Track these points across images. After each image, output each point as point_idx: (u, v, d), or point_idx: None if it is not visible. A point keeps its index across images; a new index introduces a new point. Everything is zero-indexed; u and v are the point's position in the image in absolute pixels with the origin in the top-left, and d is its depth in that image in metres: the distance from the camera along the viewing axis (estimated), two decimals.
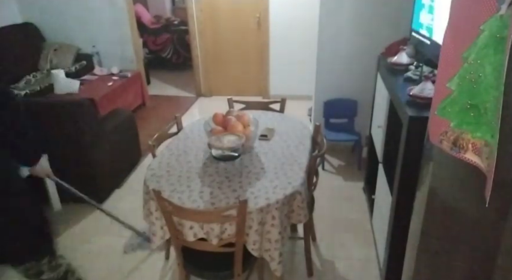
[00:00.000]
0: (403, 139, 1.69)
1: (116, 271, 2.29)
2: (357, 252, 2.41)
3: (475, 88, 0.90)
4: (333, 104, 3.46)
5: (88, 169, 2.76)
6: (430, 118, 1.16)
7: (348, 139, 3.43)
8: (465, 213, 1.07)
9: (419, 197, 1.28)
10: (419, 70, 2.05)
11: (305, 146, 2.10)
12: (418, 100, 1.68)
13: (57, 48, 4.52)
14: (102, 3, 4.48)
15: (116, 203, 2.93)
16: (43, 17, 4.61)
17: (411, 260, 1.32)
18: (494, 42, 0.84)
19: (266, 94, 5.17)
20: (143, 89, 4.88)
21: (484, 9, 0.88)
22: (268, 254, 1.68)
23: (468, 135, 0.95)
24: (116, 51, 4.72)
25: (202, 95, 5.38)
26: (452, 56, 1.01)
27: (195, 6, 4.89)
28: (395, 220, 1.86)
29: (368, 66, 3.26)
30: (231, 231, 1.60)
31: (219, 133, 1.98)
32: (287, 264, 2.32)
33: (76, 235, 2.60)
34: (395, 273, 1.90)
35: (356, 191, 3.04)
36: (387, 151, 2.21)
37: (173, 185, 1.75)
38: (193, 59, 5.23)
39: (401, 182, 1.75)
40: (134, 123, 3.38)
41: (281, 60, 4.96)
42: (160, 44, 6.46)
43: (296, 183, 1.74)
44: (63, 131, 2.63)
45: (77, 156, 2.71)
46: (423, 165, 1.26)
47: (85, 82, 4.18)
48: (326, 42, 3.29)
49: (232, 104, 2.72)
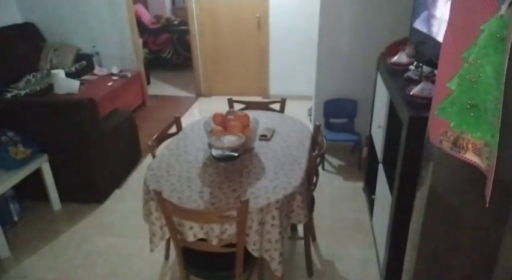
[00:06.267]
0: (403, 139, 1.69)
1: (116, 271, 2.29)
2: (357, 252, 2.41)
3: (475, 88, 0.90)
4: (333, 104, 3.46)
5: (88, 169, 2.77)
6: (430, 118, 1.16)
7: (348, 139, 3.43)
8: (465, 213, 1.07)
9: (419, 197, 1.28)
10: (419, 70, 2.05)
11: (305, 146, 2.10)
12: (418, 100, 1.68)
13: (57, 48, 4.52)
14: (102, 4, 4.48)
15: (116, 203, 2.93)
16: (43, 17, 4.61)
17: (411, 260, 1.32)
18: (494, 42, 0.84)
19: (266, 94, 5.17)
20: (143, 89, 4.88)
21: (484, 9, 0.88)
22: (268, 254, 1.68)
23: (468, 135, 0.95)
24: (116, 51, 4.72)
25: (202, 95, 5.38)
26: (452, 56, 1.01)
27: (195, 6, 4.89)
28: (395, 220, 1.86)
29: (368, 66, 3.26)
30: (231, 231, 1.60)
31: (219, 133, 1.98)
32: (287, 264, 2.32)
33: (76, 235, 2.60)
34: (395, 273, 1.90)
35: (356, 191, 3.04)
36: (387, 151, 2.21)
37: (173, 185, 1.75)
38: (193, 59, 5.23)
39: (401, 182, 1.75)
40: (134, 123, 3.38)
41: (281, 60, 4.96)
42: (160, 44, 6.46)
43: (296, 183, 1.74)
44: (63, 132, 2.63)
45: (77, 156, 2.71)
46: (423, 165, 1.26)
47: (85, 82, 4.18)
48: (326, 42, 3.29)
49: (232, 104, 2.72)
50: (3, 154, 2.39)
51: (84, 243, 2.53)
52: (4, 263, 2.37)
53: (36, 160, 2.60)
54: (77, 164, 2.75)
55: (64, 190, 2.85)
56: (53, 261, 2.38)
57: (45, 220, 2.76)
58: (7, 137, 2.47)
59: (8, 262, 2.37)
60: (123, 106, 4.00)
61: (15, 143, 2.47)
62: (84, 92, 3.90)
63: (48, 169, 2.71)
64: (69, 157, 2.72)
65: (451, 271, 1.18)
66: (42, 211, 2.85)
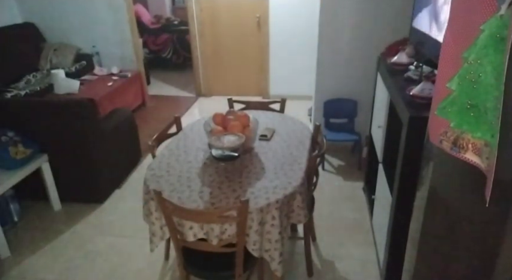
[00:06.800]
0: (403, 139, 1.69)
1: (116, 271, 2.29)
2: (357, 252, 2.41)
3: (475, 88, 0.90)
4: (333, 104, 3.46)
5: (88, 169, 2.77)
6: (430, 118, 1.16)
7: (348, 139, 3.43)
8: (465, 213, 1.07)
9: (419, 197, 1.28)
10: (419, 69, 2.05)
11: (305, 146, 2.10)
12: (418, 100, 1.68)
13: (57, 48, 4.52)
14: (102, 4, 4.48)
15: (116, 203, 2.93)
16: (43, 17, 4.61)
17: (411, 260, 1.32)
18: (494, 42, 0.84)
19: (266, 94, 5.18)
20: (143, 89, 4.88)
21: (484, 9, 0.88)
22: (268, 254, 1.68)
23: (468, 135, 0.95)
24: (116, 51, 4.72)
25: (202, 95, 5.38)
26: (452, 56, 1.01)
27: (195, 6, 4.89)
28: (395, 220, 1.86)
29: (368, 66, 3.26)
30: (231, 231, 1.59)
31: (219, 133, 1.98)
32: (287, 264, 2.32)
33: (76, 235, 2.60)
34: (395, 273, 1.90)
35: (356, 191, 3.04)
36: (387, 151, 2.21)
37: (173, 185, 1.75)
38: (193, 59, 5.23)
39: (401, 182, 1.75)
40: (134, 123, 3.38)
41: (281, 60, 4.96)
42: (160, 44, 6.46)
43: (296, 183, 1.74)
44: (63, 131, 2.63)
45: (77, 156, 2.72)
46: (423, 165, 1.26)
47: (85, 82, 4.18)
48: (326, 42, 3.29)
49: (232, 104, 2.72)
50: (3, 154, 2.39)
51: (84, 243, 2.53)
52: (4, 263, 2.37)
53: (36, 160, 2.60)
54: (77, 164, 2.75)
55: (64, 190, 2.85)
56: (53, 261, 2.38)
57: (45, 220, 2.76)
58: (7, 137, 2.47)
59: (8, 262, 2.37)
60: (123, 106, 3.99)
61: (15, 143, 2.47)
62: (84, 92, 3.90)
63: (48, 169, 2.71)
64: (69, 157, 2.72)
65: (451, 271, 1.18)
66: (42, 211, 2.85)
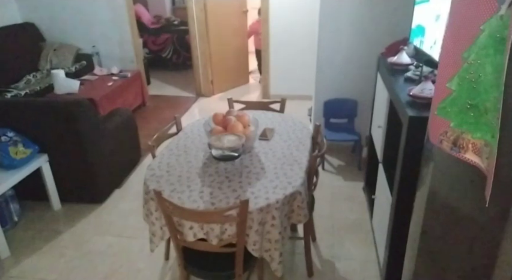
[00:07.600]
0: (403, 139, 1.69)
1: (116, 271, 2.29)
2: (357, 252, 2.41)
3: (475, 88, 0.90)
4: (333, 104, 3.46)
5: (88, 169, 2.77)
6: (430, 118, 1.16)
7: (348, 139, 3.43)
8: (465, 213, 1.07)
9: (419, 197, 1.28)
10: (419, 69, 2.05)
11: (305, 146, 2.10)
12: (418, 100, 1.68)
13: (57, 48, 4.52)
14: (102, 3, 4.48)
15: (116, 203, 2.93)
16: (43, 17, 4.61)
17: (411, 260, 1.32)
18: (494, 42, 0.84)
19: (266, 94, 5.18)
20: (143, 89, 4.88)
21: (484, 9, 0.88)
22: (268, 254, 1.68)
23: (468, 135, 0.95)
24: (116, 51, 4.72)
25: (202, 95, 5.38)
26: (452, 56, 1.01)
27: (195, 6, 4.89)
28: (395, 220, 1.86)
29: (368, 66, 3.27)
30: (231, 231, 1.60)
31: (219, 133, 1.98)
32: (287, 264, 2.32)
33: (76, 235, 2.60)
34: (395, 273, 1.90)
35: (356, 191, 3.04)
36: (387, 151, 2.21)
37: (173, 185, 1.75)
38: (193, 59, 5.23)
39: (401, 182, 1.75)
40: (134, 123, 3.38)
41: (281, 60, 4.96)
42: (160, 44, 6.46)
43: (296, 183, 1.74)
44: (63, 131, 2.63)
45: (77, 156, 2.71)
46: (423, 165, 1.26)
47: (85, 82, 4.18)
48: (326, 42, 3.29)
49: (232, 104, 2.72)
50: (3, 154, 2.39)
51: (84, 243, 2.53)
52: (4, 263, 2.37)
53: (36, 160, 2.60)
54: (77, 164, 2.75)
55: (63, 190, 2.85)
56: (53, 261, 2.38)
57: (45, 220, 2.76)
58: (7, 137, 2.47)
59: (8, 262, 2.37)
60: (123, 106, 3.99)
61: (15, 143, 2.47)
62: (84, 92, 3.90)
63: (48, 169, 2.71)
64: (69, 157, 2.72)
65: (451, 271, 1.18)
66: (42, 211, 2.85)
